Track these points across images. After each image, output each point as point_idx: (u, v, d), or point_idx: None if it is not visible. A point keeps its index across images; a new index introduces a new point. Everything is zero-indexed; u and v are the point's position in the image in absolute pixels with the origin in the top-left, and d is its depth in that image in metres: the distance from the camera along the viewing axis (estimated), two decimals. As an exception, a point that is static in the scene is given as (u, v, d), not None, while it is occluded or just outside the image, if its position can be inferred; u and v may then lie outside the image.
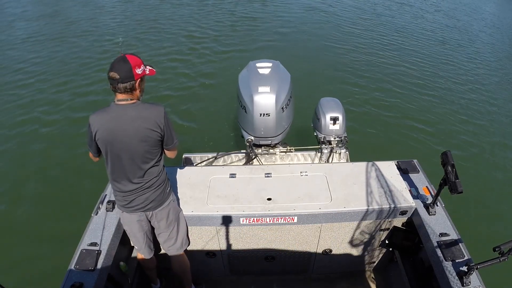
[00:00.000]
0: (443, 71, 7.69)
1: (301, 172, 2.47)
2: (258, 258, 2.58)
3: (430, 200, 2.27)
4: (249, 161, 3.05)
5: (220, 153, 3.11)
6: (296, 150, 3.13)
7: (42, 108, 5.88)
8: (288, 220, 2.22)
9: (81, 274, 1.85)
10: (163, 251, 2.31)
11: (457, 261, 1.91)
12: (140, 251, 2.23)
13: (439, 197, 2.19)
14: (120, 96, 1.78)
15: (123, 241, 2.23)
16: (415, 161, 2.62)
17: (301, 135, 4.04)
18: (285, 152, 3.12)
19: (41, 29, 9.33)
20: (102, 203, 2.27)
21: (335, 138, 3.03)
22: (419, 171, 2.54)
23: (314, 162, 3.08)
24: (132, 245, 2.44)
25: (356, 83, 6.80)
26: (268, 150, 3.08)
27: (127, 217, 2.04)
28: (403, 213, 2.28)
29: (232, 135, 4.95)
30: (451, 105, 6.37)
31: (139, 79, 1.77)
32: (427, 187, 2.40)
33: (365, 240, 2.50)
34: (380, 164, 2.53)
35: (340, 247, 2.53)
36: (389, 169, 2.50)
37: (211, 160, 3.08)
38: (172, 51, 7.96)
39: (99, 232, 2.07)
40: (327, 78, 6.95)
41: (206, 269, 2.72)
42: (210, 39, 8.61)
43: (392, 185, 2.36)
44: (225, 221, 2.22)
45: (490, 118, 6.12)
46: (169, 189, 2.08)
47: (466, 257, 1.93)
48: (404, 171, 2.51)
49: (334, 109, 3.05)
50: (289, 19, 10.18)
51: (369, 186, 2.35)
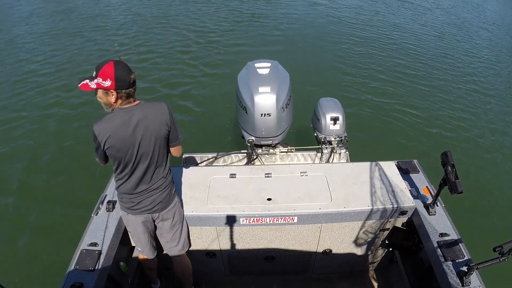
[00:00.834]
0: (443, 71, 7.68)
1: (301, 172, 2.47)
2: (258, 258, 2.58)
3: (430, 200, 2.27)
4: (250, 161, 3.06)
5: (220, 153, 3.11)
6: (296, 150, 3.13)
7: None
8: (288, 220, 2.22)
9: (81, 274, 1.85)
10: (163, 251, 2.31)
11: (457, 261, 1.91)
12: (143, 252, 2.21)
13: (439, 197, 2.19)
14: (130, 98, 1.74)
15: (123, 241, 2.23)
16: (415, 161, 2.62)
17: (301, 135, 4.04)
18: (285, 152, 3.12)
19: (57, 24, 9.76)
20: (102, 203, 2.26)
21: (335, 138, 3.03)
22: (419, 171, 2.54)
23: (314, 162, 3.08)
24: (133, 245, 2.44)
25: (356, 83, 6.79)
26: (268, 150, 3.08)
27: (132, 218, 2.01)
28: (403, 213, 2.28)
29: (232, 135, 4.95)
30: (451, 105, 6.37)
31: None
32: (427, 187, 2.40)
33: (365, 240, 2.50)
34: (380, 164, 2.53)
35: (340, 247, 2.53)
36: (389, 169, 2.50)
37: (211, 160, 3.08)
38: (173, 51, 7.97)
39: (99, 232, 2.07)
40: (326, 78, 6.94)
41: (206, 269, 2.72)
42: (210, 39, 8.61)
43: (392, 185, 2.36)
44: (225, 221, 2.22)
45: (491, 119, 6.11)
46: (174, 190, 2.07)
47: (466, 257, 1.93)
48: (404, 171, 2.51)
49: (334, 109, 3.05)
50: (289, 19, 10.18)
51: (369, 186, 2.35)
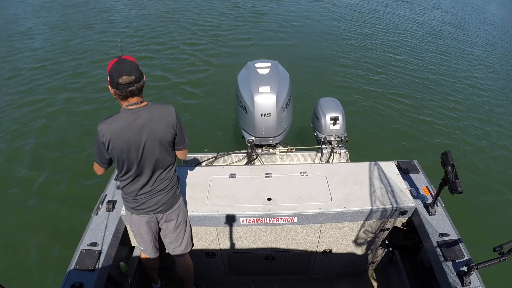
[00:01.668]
0: (444, 72, 7.68)
1: (301, 172, 2.47)
2: (258, 258, 2.58)
3: (430, 200, 2.28)
4: (250, 161, 3.06)
5: (220, 153, 3.11)
6: (296, 150, 3.13)
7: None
8: (288, 220, 2.22)
9: (81, 274, 1.85)
10: (165, 251, 2.31)
11: (457, 261, 1.92)
12: (146, 252, 2.20)
13: (439, 197, 2.20)
14: (133, 100, 1.67)
15: (123, 241, 2.23)
16: (415, 161, 2.62)
17: (301, 135, 4.03)
18: (285, 152, 3.12)
19: (67, 18, 10.04)
20: (102, 203, 2.26)
21: (335, 138, 3.03)
22: (419, 171, 2.54)
23: (314, 162, 3.08)
24: (133, 245, 2.44)
25: (356, 83, 6.79)
26: (268, 150, 3.08)
27: (136, 218, 2.00)
28: (403, 213, 2.28)
29: (232, 135, 4.95)
30: (451, 105, 6.37)
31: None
32: (427, 187, 2.40)
33: (365, 240, 2.49)
34: (380, 164, 2.53)
35: (340, 247, 2.53)
36: (389, 169, 2.50)
37: (211, 160, 3.08)
38: (172, 50, 7.97)
39: (99, 232, 2.07)
40: (326, 78, 6.94)
41: (206, 269, 2.72)
42: (210, 39, 8.60)
43: (392, 185, 2.36)
44: (225, 221, 2.22)
45: (491, 119, 6.11)
46: (179, 191, 2.06)
47: (466, 257, 1.93)
48: (404, 171, 2.51)
49: (334, 109, 3.05)
50: (289, 18, 10.18)
51: (369, 186, 2.35)
